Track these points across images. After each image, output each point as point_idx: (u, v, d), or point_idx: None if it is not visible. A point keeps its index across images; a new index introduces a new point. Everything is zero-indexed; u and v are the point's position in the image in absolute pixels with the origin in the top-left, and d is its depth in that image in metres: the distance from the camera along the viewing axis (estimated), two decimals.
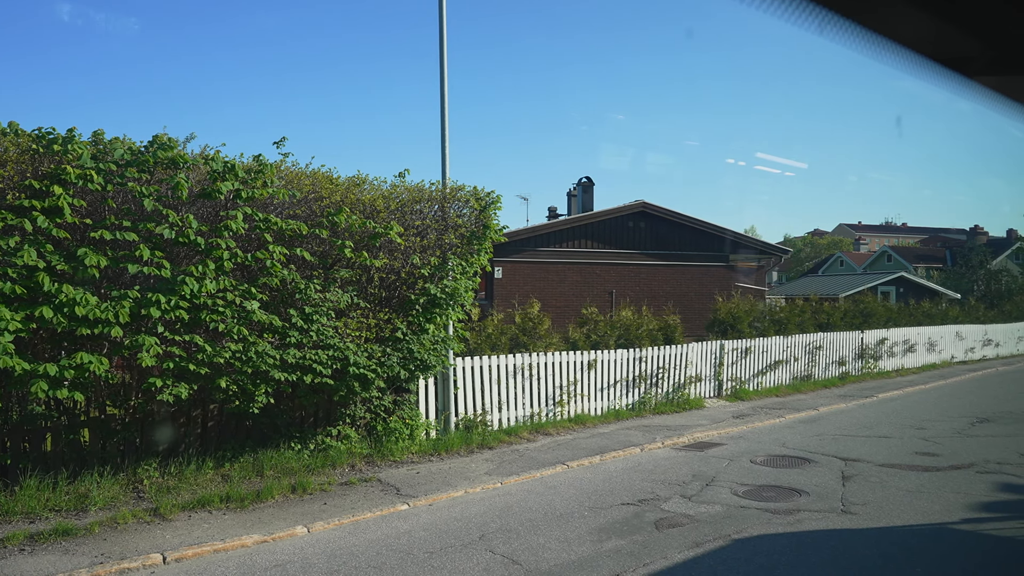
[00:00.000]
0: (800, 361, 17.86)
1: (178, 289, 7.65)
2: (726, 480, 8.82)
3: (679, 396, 14.47)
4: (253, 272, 8.78)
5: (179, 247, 8.15)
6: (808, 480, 8.74)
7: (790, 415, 13.53)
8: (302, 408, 9.58)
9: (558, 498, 8.14)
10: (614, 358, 13.58)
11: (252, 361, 8.14)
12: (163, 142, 7.98)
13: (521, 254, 20.89)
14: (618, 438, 11.29)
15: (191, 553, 6.35)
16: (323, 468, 9.02)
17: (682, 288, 23.21)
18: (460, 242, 10.75)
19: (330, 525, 7.20)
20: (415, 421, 10.34)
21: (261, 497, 7.88)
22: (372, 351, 9.29)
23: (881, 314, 23.04)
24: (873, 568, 5.97)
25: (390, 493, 8.26)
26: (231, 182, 8.28)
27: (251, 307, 8.20)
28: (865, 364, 19.73)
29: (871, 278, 36.55)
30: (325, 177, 9.85)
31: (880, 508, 7.53)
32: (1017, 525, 7.17)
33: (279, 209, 9.25)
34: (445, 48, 11.33)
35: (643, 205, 22.90)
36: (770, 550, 6.32)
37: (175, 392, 7.70)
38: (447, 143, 11.30)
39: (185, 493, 7.85)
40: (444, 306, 10.18)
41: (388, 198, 10.26)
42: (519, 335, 13.78)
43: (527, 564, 6.06)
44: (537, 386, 12.38)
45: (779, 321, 19.45)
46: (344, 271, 9.50)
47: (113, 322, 7.27)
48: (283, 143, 9.57)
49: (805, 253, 77.21)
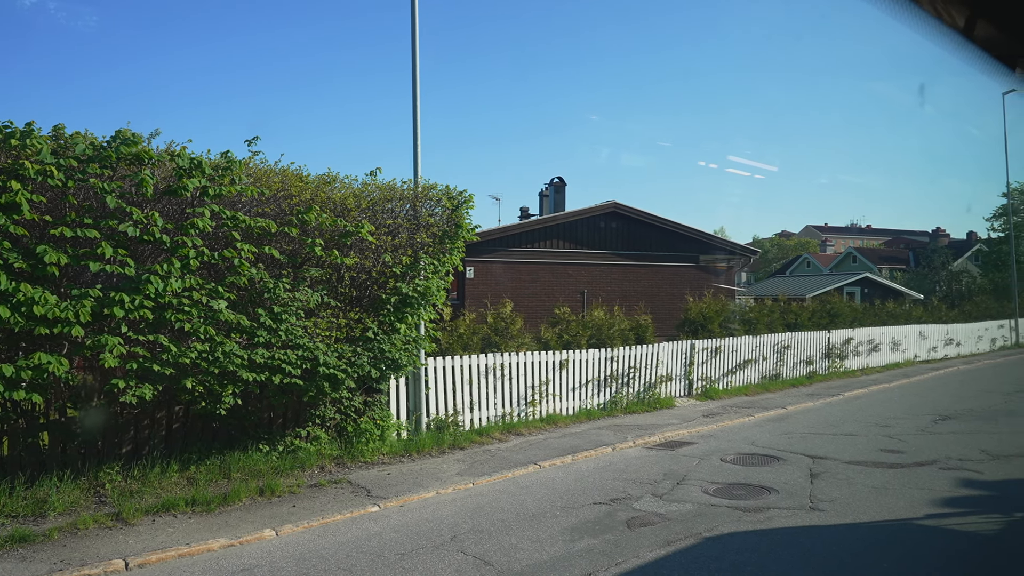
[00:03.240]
0: (769, 360, 18.06)
1: (142, 288, 7.47)
2: (697, 479, 8.87)
3: (650, 395, 14.53)
4: (220, 271, 8.62)
5: (144, 245, 7.97)
6: (777, 478, 8.82)
7: (759, 414, 13.67)
8: (271, 409, 9.43)
9: (530, 498, 8.12)
10: (586, 358, 13.60)
11: (219, 361, 7.99)
12: (127, 137, 7.79)
13: (493, 254, 20.84)
14: (590, 438, 11.30)
15: (155, 558, 6.20)
16: (292, 470, 8.89)
17: (653, 288, 23.35)
18: (432, 241, 10.68)
19: (299, 528, 7.09)
20: (386, 422, 10.23)
21: (228, 500, 7.74)
22: (342, 351, 9.17)
23: (847, 314, 23.41)
24: (841, 564, 6.03)
25: (360, 495, 8.16)
26: (198, 179, 8.12)
27: (218, 306, 8.05)
28: (832, 363, 20.01)
29: (837, 279, 37.15)
30: (295, 175, 9.73)
31: (847, 505, 7.63)
32: (978, 520, 7.30)
33: (247, 207, 9.10)
34: (417, 46, 11.26)
35: (615, 206, 22.99)
36: (740, 548, 6.35)
37: (139, 393, 7.53)
38: (419, 142, 11.23)
39: (149, 497, 7.67)
40: (416, 305, 10.10)
41: (359, 196, 10.16)
42: (491, 335, 13.74)
43: (499, 565, 6.02)
44: (509, 386, 12.35)
45: (748, 321, 19.67)
46: (314, 270, 9.37)
47: (74, 321, 7.08)
48: (255, 141, 9.44)
49: (773, 254, 78.33)
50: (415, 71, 11.24)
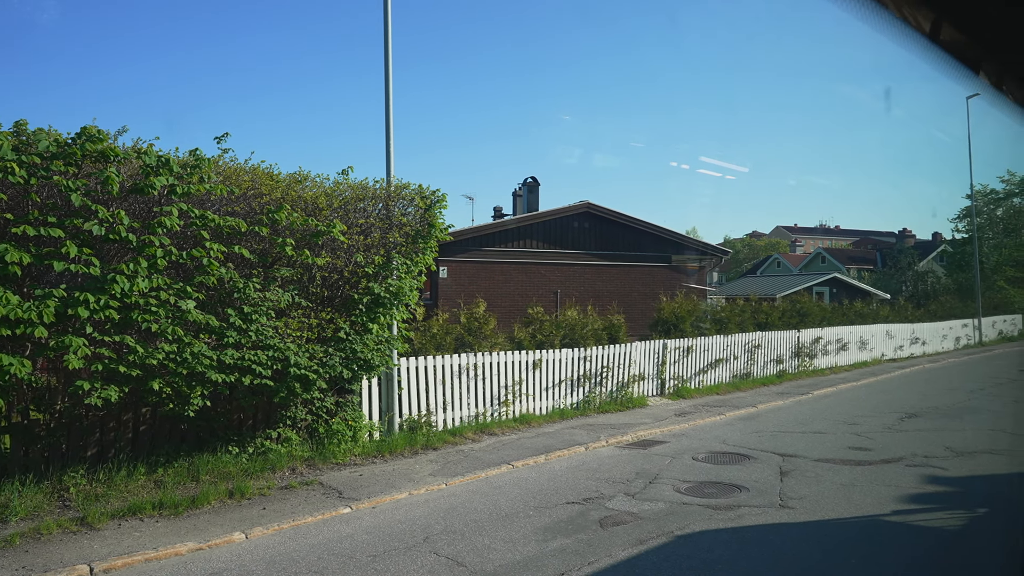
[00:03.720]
0: (740, 359, 18.25)
1: (108, 288, 7.33)
2: (669, 477, 8.93)
3: (623, 395, 14.60)
4: (189, 270, 8.49)
5: (109, 244, 7.82)
6: (748, 476, 8.91)
7: (730, 412, 13.80)
8: (241, 410, 9.31)
9: (503, 498, 8.11)
10: (559, 357, 13.62)
11: (187, 362, 7.87)
12: (92, 134, 7.63)
13: (467, 254, 20.80)
14: (563, 437, 11.33)
15: (120, 563, 6.09)
16: (262, 472, 8.78)
17: (626, 288, 23.47)
18: (405, 241, 10.62)
19: (269, 530, 7.00)
20: (358, 422, 10.16)
21: (197, 503, 7.62)
22: (314, 351, 9.09)
23: (816, 314, 23.75)
24: (810, 560, 6.11)
25: (332, 496, 8.09)
26: (165, 177, 7.98)
27: (186, 306, 7.93)
28: (801, 362, 20.28)
29: (806, 279, 37.68)
30: (265, 173, 9.62)
31: (816, 502, 7.73)
32: (943, 516, 7.45)
33: (217, 206, 8.97)
34: (389, 42, 11.19)
35: (588, 206, 23.06)
36: (712, 545, 6.40)
37: (104, 395, 7.38)
38: (391, 139, 11.16)
39: (115, 501, 7.53)
40: (388, 305, 10.03)
41: (331, 195, 10.07)
42: (464, 335, 13.71)
43: (472, 565, 6.00)
44: (482, 386, 12.33)
45: (720, 320, 19.86)
46: (285, 270, 9.27)
47: (37, 322, 6.92)
48: (225, 138, 9.32)
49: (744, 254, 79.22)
50: (387, 65, 11.17)
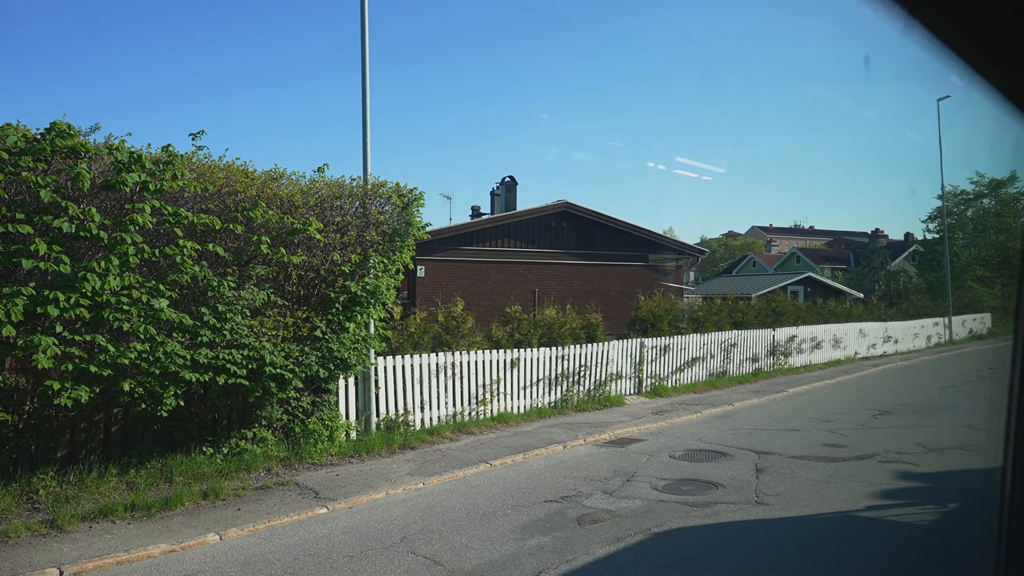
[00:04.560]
0: (716, 358, 18.39)
1: (78, 286, 7.20)
2: (646, 475, 8.96)
3: (600, 393, 14.65)
4: (162, 268, 8.37)
5: (80, 241, 7.69)
6: (724, 473, 8.98)
7: (707, 410, 13.90)
8: (215, 410, 9.20)
9: (481, 497, 8.09)
10: (537, 356, 13.63)
11: (160, 362, 7.75)
12: (62, 130, 7.49)
13: (444, 253, 20.75)
14: (541, 436, 11.33)
15: (91, 566, 5.98)
16: (237, 472, 8.68)
17: (604, 287, 23.56)
18: (382, 239, 10.55)
19: (244, 531, 6.92)
20: (335, 422, 10.08)
21: (170, 505, 7.51)
22: (290, 350, 9.00)
23: (791, 312, 24.02)
24: (786, 556, 6.17)
25: (308, 496, 8.02)
26: (137, 173, 7.85)
27: (159, 305, 7.81)
28: (776, 360, 20.48)
29: (781, 278, 38.09)
30: (240, 171, 9.51)
31: (791, 498, 7.80)
32: (915, 511, 7.56)
33: (190, 203, 8.86)
34: (367, 40, 11.11)
35: (566, 205, 23.11)
36: (688, 542, 6.44)
37: (75, 395, 7.24)
38: (369, 138, 11.08)
39: (86, 503, 7.40)
40: (365, 304, 9.97)
41: (307, 193, 9.99)
42: (442, 334, 13.67)
43: (449, 564, 5.98)
44: (460, 385, 12.30)
45: (697, 319, 20.01)
46: (260, 268, 9.18)
47: (4, 321, 6.77)
48: (200, 135, 9.20)
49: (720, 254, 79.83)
50: (364, 60, 11.09)
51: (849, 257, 56.83)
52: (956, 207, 48.55)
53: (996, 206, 46.87)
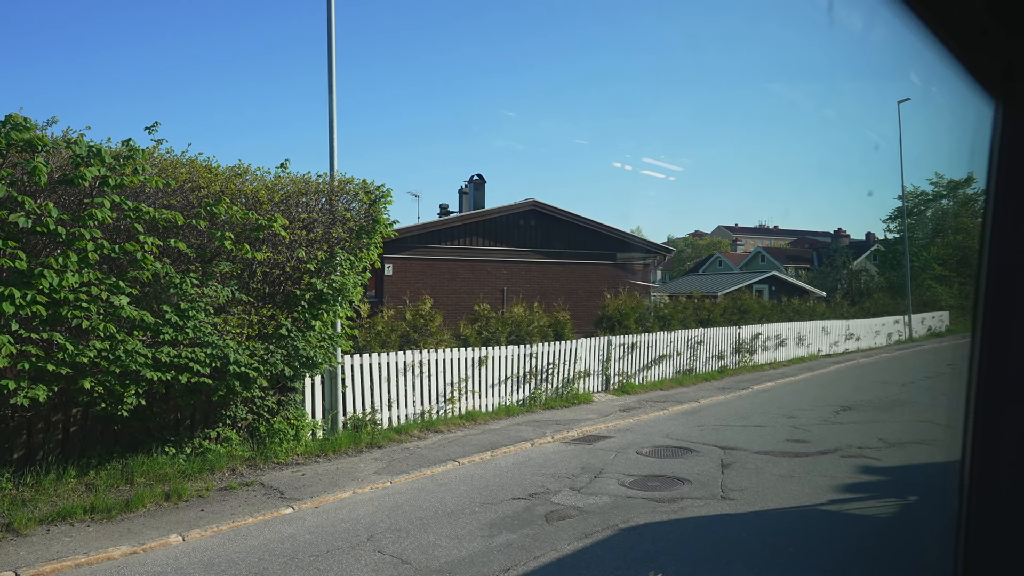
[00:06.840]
0: (683, 356, 18.57)
1: (35, 282, 7.02)
2: (614, 472, 9.01)
3: (568, 391, 14.70)
4: (122, 265, 8.21)
5: (37, 237, 7.50)
6: (690, 469, 9.07)
7: (673, 407, 14.03)
8: (178, 410, 9.03)
9: (449, 495, 8.06)
10: (505, 354, 13.63)
11: (120, 360, 7.60)
12: (17, 123, 7.29)
13: (412, 251, 20.64)
14: (509, 434, 11.33)
15: (49, 569, 5.84)
16: (201, 473, 8.54)
17: (572, 285, 23.63)
18: (349, 236, 10.46)
19: (208, 532, 6.81)
20: (301, 421, 9.96)
21: (131, 506, 7.36)
22: (254, 349, 8.88)
23: (756, 311, 24.33)
24: (750, 549, 6.25)
25: (273, 497, 7.91)
26: (97, 168, 7.68)
27: (119, 302, 7.64)
28: (742, 358, 20.75)
29: (747, 277, 38.59)
30: (203, 166, 9.37)
31: (756, 493, 7.90)
32: (876, 504, 7.71)
33: (152, 198, 8.69)
34: (333, 38, 11.00)
35: (534, 204, 23.14)
36: (655, 537, 6.49)
37: (32, 395, 7.07)
38: (335, 134, 10.96)
39: (43, 505, 7.21)
40: (331, 302, 9.87)
41: (272, 189, 9.86)
42: (410, 332, 13.59)
43: (417, 563, 5.95)
44: (428, 383, 12.24)
45: (664, 317, 20.16)
46: (224, 265, 9.03)
47: None
48: (156, 128, 9.02)
49: (687, 253, 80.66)
50: (331, 57, 10.96)
51: (813, 256, 57.78)
52: (916, 207, 49.62)
53: (954, 207, 48.01)
